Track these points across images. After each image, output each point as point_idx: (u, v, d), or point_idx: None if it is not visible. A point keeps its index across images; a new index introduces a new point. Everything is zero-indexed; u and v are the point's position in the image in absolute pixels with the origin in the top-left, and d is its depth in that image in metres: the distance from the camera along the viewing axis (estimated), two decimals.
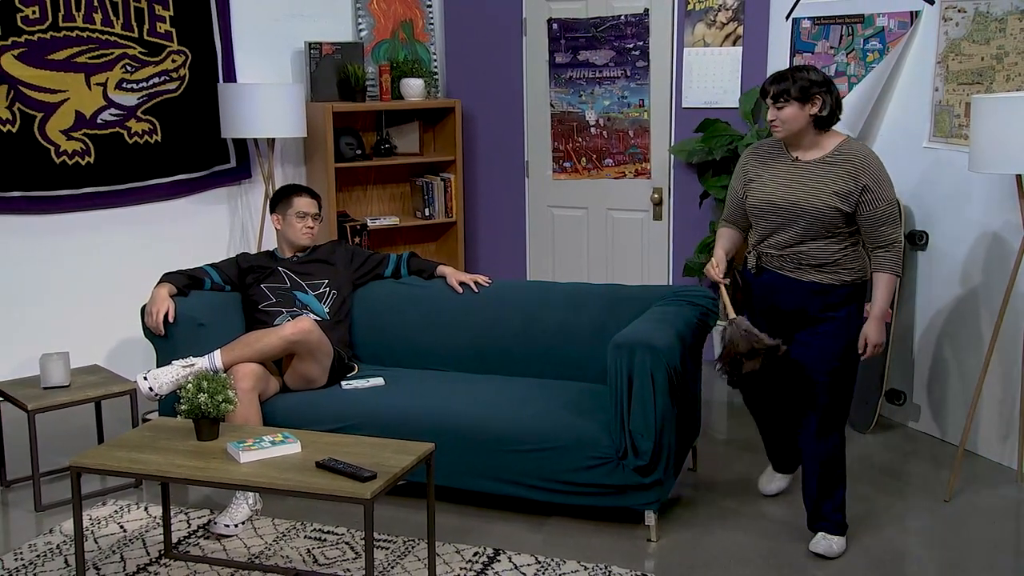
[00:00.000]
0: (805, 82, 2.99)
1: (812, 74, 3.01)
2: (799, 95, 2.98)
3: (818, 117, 3.02)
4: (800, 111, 3.00)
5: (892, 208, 3.07)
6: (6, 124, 4.63)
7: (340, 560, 3.26)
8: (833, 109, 3.04)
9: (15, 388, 3.81)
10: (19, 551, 3.33)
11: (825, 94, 3.01)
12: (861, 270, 3.14)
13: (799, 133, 3.06)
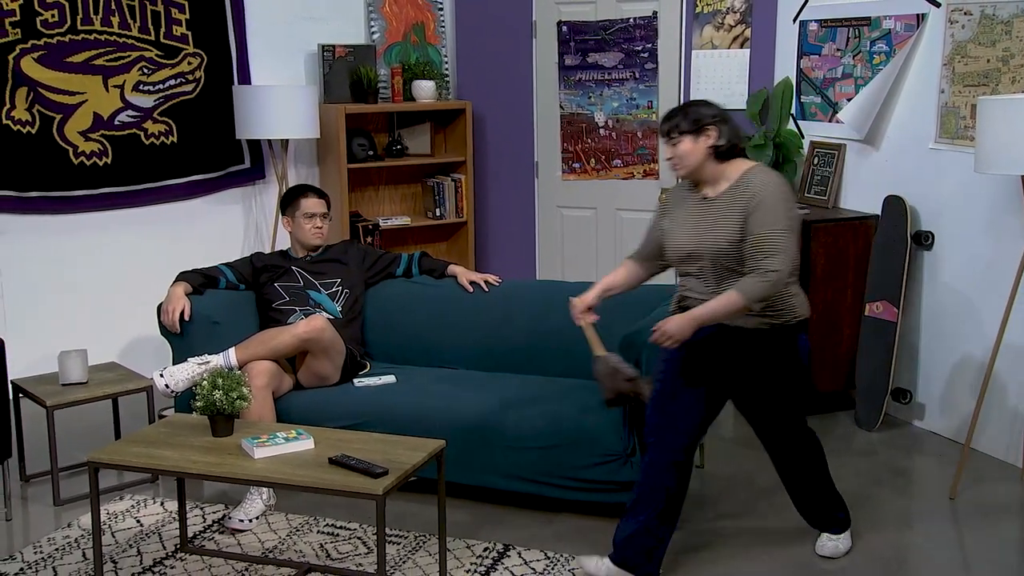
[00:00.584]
0: (696, 115, 2.84)
1: (704, 108, 2.87)
2: (691, 128, 2.84)
3: (716, 148, 2.85)
4: (695, 144, 2.84)
5: (776, 240, 2.76)
6: (26, 125, 4.66)
7: (352, 555, 3.27)
8: (731, 139, 2.86)
9: (34, 385, 3.83)
10: (38, 544, 3.35)
11: (719, 124, 2.85)
12: (778, 307, 2.87)
13: (700, 168, 2.88)
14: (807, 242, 4.41)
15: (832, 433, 4.36)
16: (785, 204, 2.81)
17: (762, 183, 2.83)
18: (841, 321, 4.54)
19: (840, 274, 4.50)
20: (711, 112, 2.87)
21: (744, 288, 2.76)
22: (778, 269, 2.76)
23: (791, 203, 2.84)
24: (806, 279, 4.44)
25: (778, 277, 2.76)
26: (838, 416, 4.54)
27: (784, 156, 4.93)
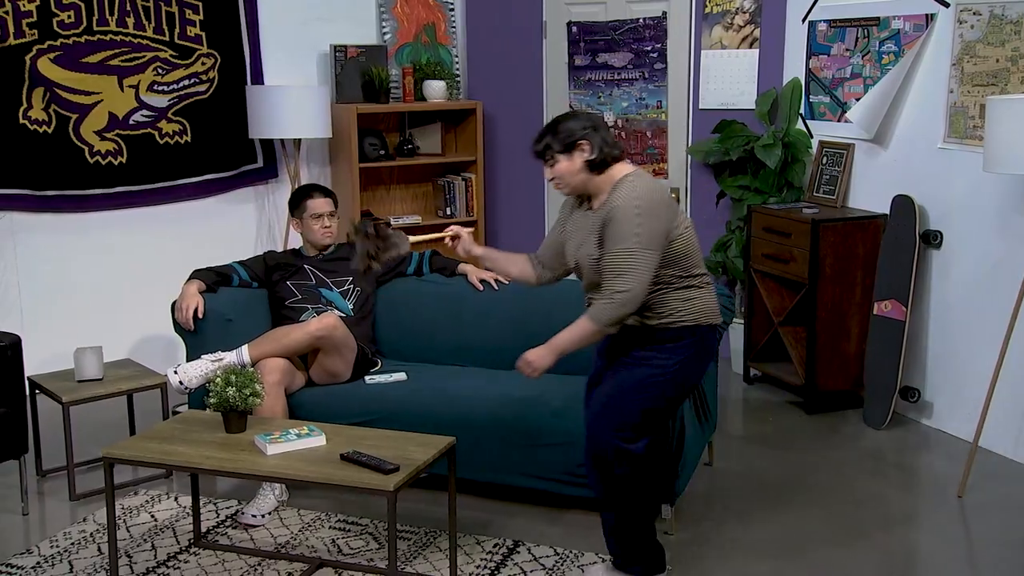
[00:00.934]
0: (565, 131, 2.70)
1: (571, 122, 2.72)
2: (563, 147, 2.70)
3: (591, 163, 2.71)
4: (571, 162, 2.71)
5: (622, 259, 2.62)
6: (42, 125, 4.68)
7: (364, 550, 3.27)
8: (604, 149, 2.71)
9: (50, 381, 3.85)
10: (54, 539, 3.36)
11: (591, 136, 2.70)
12: (668, 314, 2.75)
13: (583, 185, 2.75)
14: (815, 241, 4.41)
15: (840, 431, 4.34)
16: (638, 219, 2.61)
17: (620, 197, 2.67)
18: (849, 320, 4.52)
19: (849, 273, 4.49)
20: (580, 125, 2.70)
21: (593, 313, 2.67)
22: (625, 289, 2.61)
23: (649, 215, 2.63)
24: (815, 278, 4.43)
25: (626, 297, 2.62)
26: (847, 414, 4.53)
27: (793, 156, 4.91)
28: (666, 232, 2.67)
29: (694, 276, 2.77)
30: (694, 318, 2.76)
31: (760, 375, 5.02)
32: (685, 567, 3.14)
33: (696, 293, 2.77)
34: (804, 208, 4.65)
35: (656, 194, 2.69)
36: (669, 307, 2.74)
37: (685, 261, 2.74)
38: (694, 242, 2.78)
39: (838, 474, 3.88)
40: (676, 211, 2.74)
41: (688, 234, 2.75)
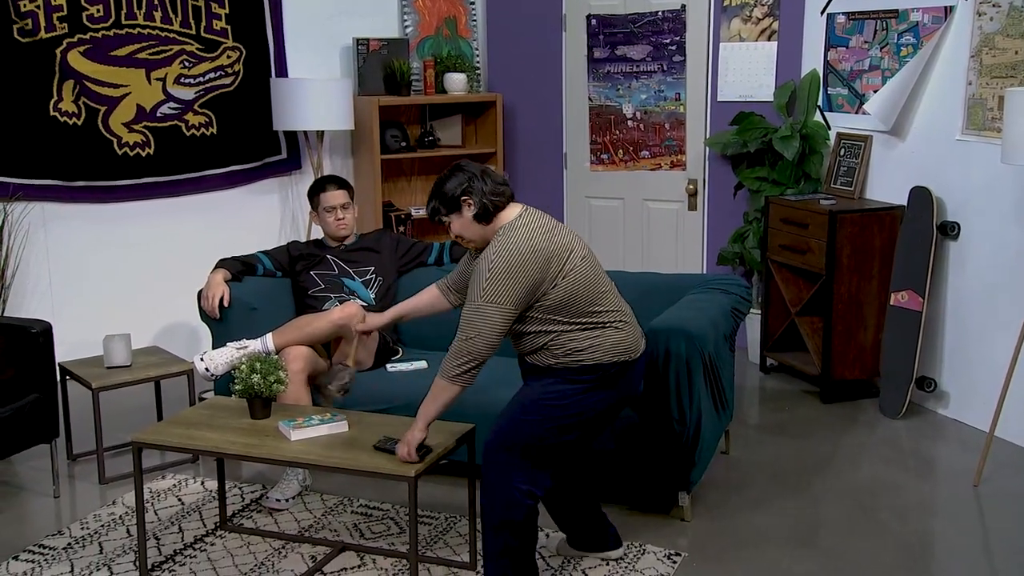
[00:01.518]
0: (449, 192, 2.67)
1: (451, 181, 2.68)
2: (450, 207, 2.68)
3: (477, 215, 2.67)
4: (462, 220, 2.68)
5: (469, 311, 2.58)
6: (72, 117, 4.71)
7: (385, 534, 3.28)
8: (485, 203, 2.65)
9: (80, 367, 3.88)
10: (85, 521, 3.40)
11: (469, 190, 2.66)
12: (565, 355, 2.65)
13: (482, 235, 2.70)
14: (833, 232, 4.37)
15: (857, 421, 4.32)
16: (488, 276, 2.56)
17: (484, 253, 2.63)
18: (866, 310, 4.49)
19: (865, 264, 4.45)
20: (458, 183, 2.67)
21: (441, 369, 2.62)
22: (465, 342, 2.56)
23: (503, 275, 2.55)
24: (832, 268, 4.40)
25: (465, 349, 2.56)
26: (862, 404, 4.50)
27: (810, 147, 4.88)
28: (528, 289, 2.58)
29: (592, 315, 2.65)
30: (594, 358, 2.64)
31: (776, 365, 4.99)
32: (702, 555, 3.13)
33: (598, 333, 2.65)
34: (821, 199, 4.61)
35: (519, 251, 2.58)
36: (566, 348, 2.65)
37: (575, 306, 2.63)
38: (587, 283, 2.65)
39: (854, 463, 3.86)
40: (547, 262, 2.60)
41: (574, 279, 2.62)
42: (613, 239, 5.64)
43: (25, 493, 3.64)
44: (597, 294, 2.67)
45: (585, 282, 2.65)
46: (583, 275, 2.64)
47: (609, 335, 2.66)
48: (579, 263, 2.65)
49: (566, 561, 3.08)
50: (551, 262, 2.60)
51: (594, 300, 2.66)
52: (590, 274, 2.67)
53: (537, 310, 2.63)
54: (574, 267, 2.63)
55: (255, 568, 3.06)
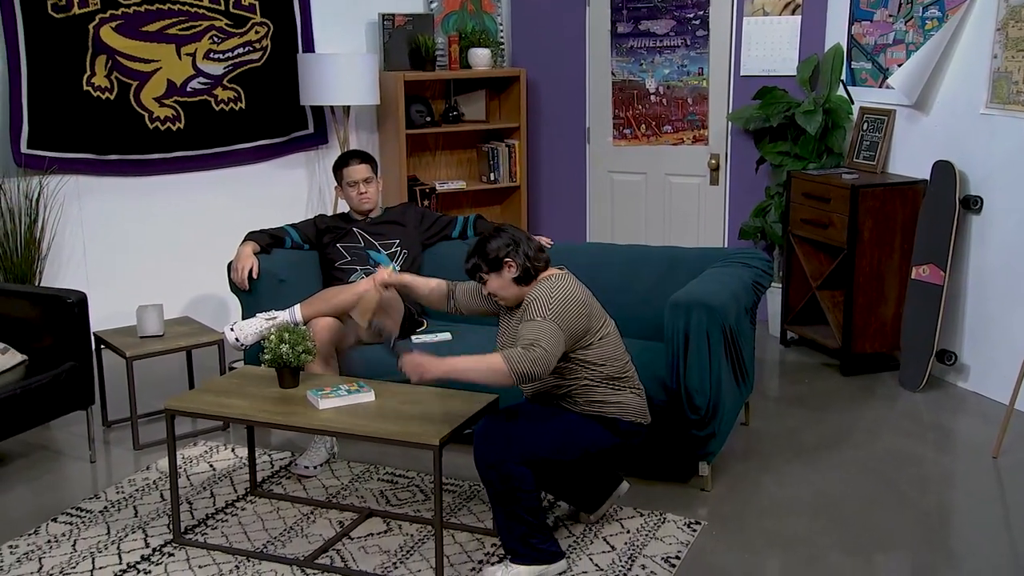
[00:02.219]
0: (492, 252, 2.78)
1: (494, 241, 2.79)
2: (491, 266, 2.79)
3: (517, 278, 2.79)
4: (500, 279, 2.80)
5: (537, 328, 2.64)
6: (105, 92, 4.72)
7: (411, 501, 3.30)
8: (527, 267, 2.77)
9: (114, 336, 3.92)
10: (120, 485, 3.44)
11: (513, 253, 2.77)
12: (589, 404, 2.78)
13: (516, 296, 2.81)
14: (855, 206, 4.32)
15: (876, 393, 4.28)
16: (550, 304, 2.67)
17: (536, 290, 2.75)
18: (887, 284, 4.44)
19: (887, 238, 4.40)
20: (502, 243, 2.78)
21: (508, 354, 2.62)
22: (539, 348, 2.60)
23: (561, 308, 2.67)
24: (854, 242, 4.35)
25: (538, 355, 2.59)
26: (882, 377, 4.46)
27: (833, 122, 4.81)
28: (579, 330, 2.72)
29: (617, 380, 2.81)
30: (617, 412, 2.80)
31: (797, 338, 4.96)
32: (721, 524, 3.13)
33: (622, 395, 2.82)
34: (844, 174, 4.55)
35: (567, 294, 2.73)
36: (591, 397, 2.79)
37: (609, 365, 2.79)
38: (615, 352, 2.81)
39: (874, 435, 3.83)
40: (591, 317, 2.76)
41: (610, 340, 2.80)
42: (635, 214, 5.60)
43: (63, 458, 3.69)
44: (626, 361, 2.86)
45: (617, 347, 2.84)
46: (615, 341, 2.84)
47: (631, 399, 2.85)
48: (612, 329, 2.85)
49: (587, 528, 3.09)
50: (592, 317, 2.78)
51: (626, 365, 2.86)
52: (618, 340, 2.87)
53: (576, 360, 2.76)
54: (610, 331, 2.84)
55: (284, 532, 3.09)
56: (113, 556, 2.95)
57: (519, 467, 2.69)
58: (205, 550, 2.98)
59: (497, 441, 2.69)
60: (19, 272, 4.45)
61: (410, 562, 2.90)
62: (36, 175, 4.59)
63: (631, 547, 2.97)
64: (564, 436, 2.77)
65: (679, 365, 3.21)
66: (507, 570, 2.77)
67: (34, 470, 3.58)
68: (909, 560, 2.92)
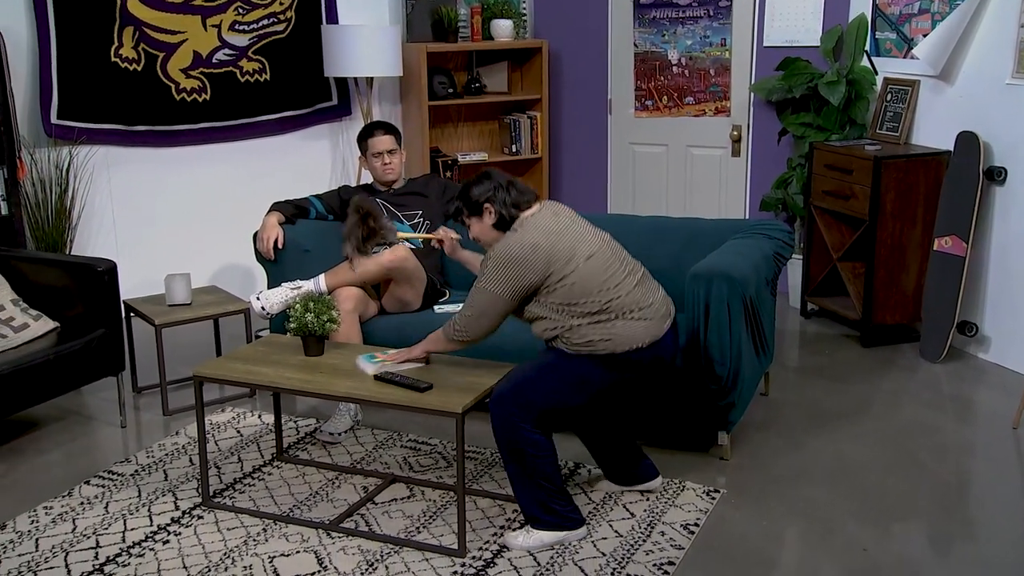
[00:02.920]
0: (474, 196, 2.78)
1: (477, 187, 2.78)
2: (473, 210, 2.79)
3: (495, 223, 2.77)
4: (481, 224, 2.79)
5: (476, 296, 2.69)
6: (132, 63, 4.72)
7: (433, 468, 3.32)
8: (503, 213, 2.74)
9: (143, 304, 3.94)
10: (150, 449, 3.48)
11: (493, 199, 2.75)
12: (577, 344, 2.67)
13: (497, 239, 2.77)
14: (877, 178, 4.26)
15: (897, 364, 4.25)
16: (505, 268, 2.64)
17: (501, 243, 2.70)
18: (909, 255, 4.39)
19: (910, 209, 4.34)
20: (484, 190, 2.77)
21: (446, 330, 2.79)
22: (462, 325, 2.73)
23: (505, 268, 2.64)
24: (876, 214, 4.30)
25: (458, 328, 2.74)
26: (903, 348, 4.42)
27: (857, 93, 4.73)
28: (525, 283, 2.66)
29: (605, 311, 2.67)
30: (607, 347, 2.67)
31: (817, 309, 4.92)
32: (740, 492, 3.12)
33: (610, 326, 2.67)
34: (866, 145, 4.48)
35: (520, 246, 2.65)
36: (580, 338, 2.68)
37: (584, 304, 2.66)
38: (593, 282, 2.66)
39: (893, 405, 3.80)
40: (548, 262, 2.64)
41: (578, 279, 2.64)
42: (656, 185, 5.55)
43: (95, 423, 3.73)
44: (609, 291, 2.68)
45: (593, 282, 2.66)
46: (590, 275, 2.66)
47: (621, 327, 2.68)
48: (583, 264, 2.66)
49: (607, 496, 3.09)
50: (552, 262, 2.65)
51: (606, 296, 2.67)
52: (598, 273, 2.67)
53: (546, 305, 2.69)
54: (576, 268, 2.65)
55: (310, 497, 3.12)
56: (144, 518, 2.99)
57: (532, 431, 2.68)
58: (233, 513, 3.01)
59: (505, 403, 2.69)
60: (50, 241, 4.49)
61: (433, 527, 2.92)
62: (66, 145, 4.61)
63: (650, 514, 2.97)
64: (562, 382, 2.70)
65: (699, 335, 3.19)
66: (528, 535, 2.78)
67: (67, 434, 3.62)
68: (927, 528, 2.91)
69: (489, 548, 2.80)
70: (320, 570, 2.70)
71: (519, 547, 2.78)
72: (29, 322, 3.55)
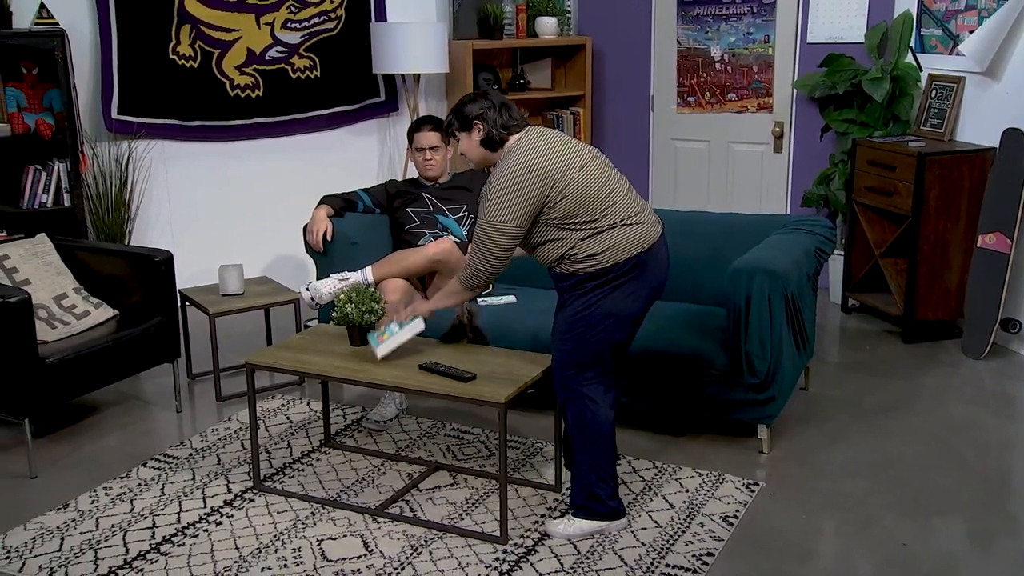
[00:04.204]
0: (466, 112, 2.77)
1: (471, 104, 2.78)
2: (463, 125, 2.78)
3: (483, 140, 2.76)
4: (470, 140, 2.78)
5: (483, 233, 2.66)
6: (189, 60, 4.79)
7: (476, 456, 3.33)
8: (492, 132, 2.74)
9: (198, 294, 4.00)
10: (204, 434, 3.54)
11: (485, 115, 2.74)
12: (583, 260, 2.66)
13: (483, 158, 2.79)
14: (921, 174, 4.18)
15: (939, 360, 4.17)
16: (504, 195, 2.62)
17: (492, 174, 2.70)
18: (952, 252, 4.31)
19: (953, 206, 4.26)
20: (478, 107, 2.76)
21: (459, 276, 2.79)
22: (480, 268, 2.72)
23: (508, 192, 2.62)
24: (919, 210, 4.22)
25: (473, 272, 2.73)
26: (945, 344, 4.34)
27: (901, 89, 4.64)
28: (530, 206, 2.64)
29: (603, 219, 2.66)
30: (611, 258, 2.65)
31: (858, 305, 4.84)
32: (779, 485, 3.09)
33: (611, 234, 2.66)
34: (910, 141, 4.40)
35: (515, 172, 2.64)
36: (584, 252, 2.66)
37: (584, 213, 2.65)
38: (589, 191, 2.64)
39: (934, 401, 3.73)
40: (545, 179, 2.63)
41: (576, 189, 2.63)
42: (697, 180, 5.51)
43: (151, 407, 3.80)
44: (604, 198, 2.68)
45: (589, 190, 2.66)
46: (585, 184, 2.66)
47: (621, 234, 2.67)
48: (578, 174, 2.66)
49: (647, 486, 3.08)
50: (549, 178, 2.64)
51: (603, 204, 2.67)
52: (592, 182, 2.67)
53: (549, 223, 2.67)
54: (572, 180, 2.65)
55: (357, 482, 3.15)
56: (198, 500, 3.04)
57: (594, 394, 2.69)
58: (282, 497, 3.05)
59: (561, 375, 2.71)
60: (110, 232, 4.58)
61: (475, 514, 2.93)
62: (126, 140, 4.69)
63: (690, 505, 2.96)
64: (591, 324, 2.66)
65: (740, 329, 3.16)
66: (569, 524, 2.78)
67: (125, 418, 3.70)
68: (967, 524, 2.85)
69: (530, 535, 2.80)
70: (366, 554, 2.72)
71: (560, 535, 2.78)
72: (90, 310, 3.63)
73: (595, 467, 2.74)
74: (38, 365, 3.18)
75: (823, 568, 2.64)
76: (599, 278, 2.67)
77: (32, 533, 2.85)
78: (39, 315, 3.47)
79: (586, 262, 2.67)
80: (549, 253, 2.71)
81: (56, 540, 2.81)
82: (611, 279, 2.67)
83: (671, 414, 3.45)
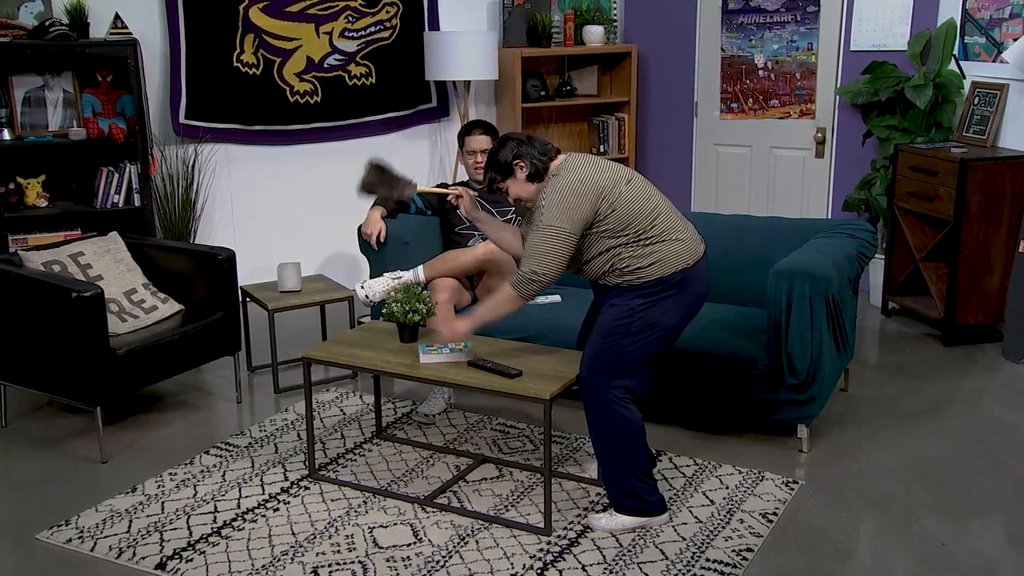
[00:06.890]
0: (500, 163, 2.74)
1: (501, 153, 2.74)
2: (504, 173, 2.74)
3: (530, 176, 2.72)
4: (516, 183, 2.74)
5: (540, 241, 2.62)
6: (252, 68, 4.86)
7: (521, 450, 3.33)
8: (535, 163, 2.71)
9: (257, 290, 4.06)
10: (262, 424, 3.59)
11: (520, 155, 2.71)
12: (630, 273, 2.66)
13: (536, 193, 2.74)
14: (963, 180, 4.09)
15: (978, 364, 4.07)
16: (561, 203, 2.60)
17: (551, 186, 2.67)
18: (993, 257, 4.20)
19: (995, 211, 4.15)
20: (508, 152, 2.73)
21: (513, 282, 2.68)
22: (536, 272, 2.63)
23: (559, 207, 2.60)
24: (960, 215, 4.12)
25: (529, 277, 2.64)
26: (984, 348, 4.24)
27: (943, 96, 4.54)
28: (584, 214, 2.62)
29: (650, 233, 2.66)
30: (656, 271, 2.66)
31: (898, 308, 4.75)
32: (818, 484, 3.05)
33: (657, 248, 2.66)
34: (952, 147, 4.30)
35: (569, 184, 2.63)
36: (630, 267, 2.66)
37: (633, 227, 2.65)
38: (637, 204, 2.65)
39: (973, 404, 3.65)
40: (597, 192, 2.62)
41: (626, 201, 2.64)
42: (739, 185, 5.45)
43: (213, 398, 3.87)
44: (651, 211, 2.68)
45: (638, 203, 2.66)
46: (633, 198, 2.66)
47: (666, 249, 2.67)
48: (625, 188, 2.67)
49: (687, 482, 3.06)
50: (601, 191, 2.64)
51: (650, 217, 2.68)
52: (640, 196, 2.68)
53: (599, 235, 2.66)
54: (621, 193, 2.66)
55: (407, 473, 3.17)
56: (257, 487, 3.09)
57: (622, 401, 2.65)
58: (336, 486, 3.08)
59: (591, 378, 2.68)
60: (177, 231, 4.66)
61: (520, 506, 2.93)
62: (192, 143, 4.78)
63: (730, 502, 2.93)
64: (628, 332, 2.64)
65: (781, 331, 3.12)
66: (611, 519, 2.77)
67: (189, 407, 3.77)
68: (1006, 525, 2.78)
69: (574, 528, 2.80)
70: (415, 541, 2.74)
71: (602, 528, 2.77)
72: (158, 304, 3.70)
73: (631, 469, 2.72)
74: (109, 356, 3.25)
75: (861, 567, 2.59)
76: (644, 290, 2.66)
77: (103, 515, 2.92)
78: (111, 309, 3.55)
79: (633, 275, 2.67)
80: (597, 268, 2.71)
81: (125, 522, 2.88)
82: (656, 292, 2.66)
83: (713, 412, 3.42)
